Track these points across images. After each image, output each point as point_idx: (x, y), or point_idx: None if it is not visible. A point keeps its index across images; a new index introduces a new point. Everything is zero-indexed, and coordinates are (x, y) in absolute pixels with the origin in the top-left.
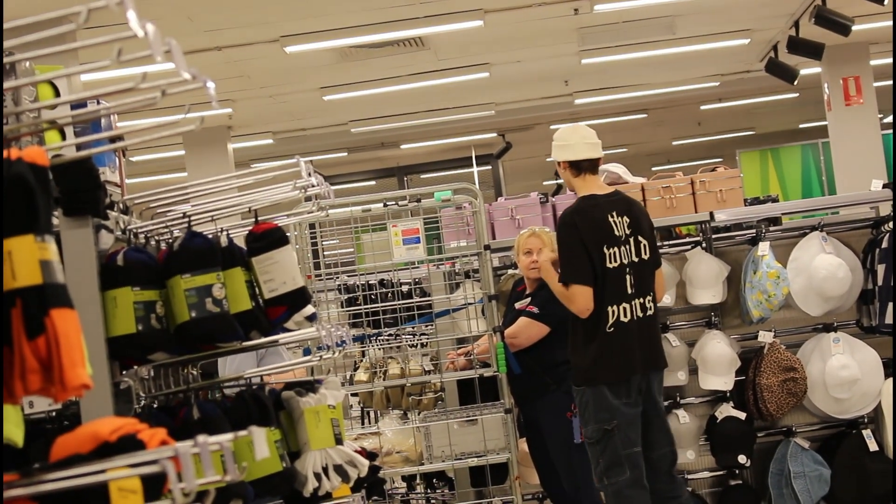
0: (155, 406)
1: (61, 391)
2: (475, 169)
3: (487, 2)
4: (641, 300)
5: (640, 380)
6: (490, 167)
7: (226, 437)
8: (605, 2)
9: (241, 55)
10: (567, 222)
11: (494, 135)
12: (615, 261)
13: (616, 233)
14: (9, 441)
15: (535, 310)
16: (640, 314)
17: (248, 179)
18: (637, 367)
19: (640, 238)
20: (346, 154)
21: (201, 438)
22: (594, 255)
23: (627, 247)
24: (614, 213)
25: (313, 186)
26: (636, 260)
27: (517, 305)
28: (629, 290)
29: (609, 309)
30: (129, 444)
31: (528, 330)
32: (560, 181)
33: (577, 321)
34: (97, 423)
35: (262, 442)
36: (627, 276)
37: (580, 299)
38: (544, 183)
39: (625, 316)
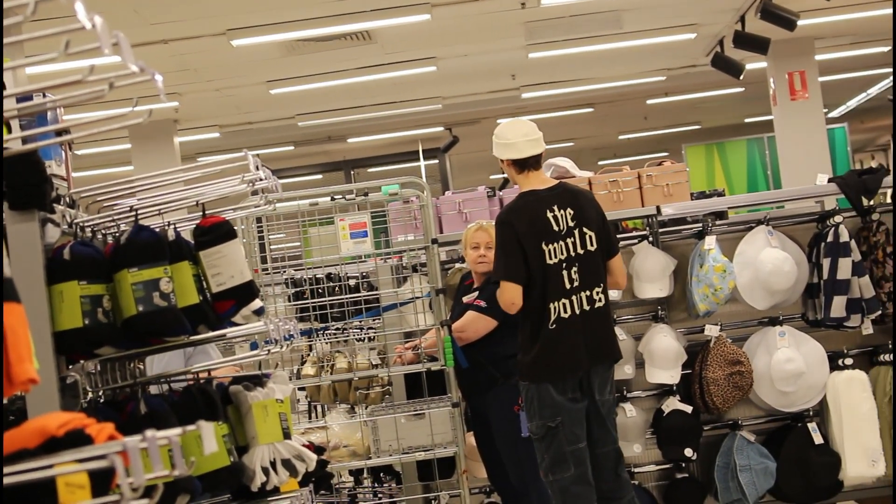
0: (101, 401)
1: (8, 386)
2: (422, 163)
3: None
4: (588, 293)
5: (583, 375)
6: (437, 161)
7: (174, 432)
8: None
9: (187, 48)
10: (503, 220)
11: (441, 129)
12: (554, 257)
13: (555, 227)
14: None
15: (483, 304)
16: (587, 307)
17: (195, 173)
18: (581, 363)
19: (584, 229)
20: (292, 148)
21: (149, 433)
22: (532, 253)
23: (571, 240)
24: (555, 207)
25: (261, 180)
26: (581, 252)
27: (465, 299)
28: (568, 286)
29: (551, 305)
30: (77, 438)
31: (475, 324)
32: (506, 175)
33: (525, 319)
34: (44, 417)
35: (210, 436)
36: (565, 272)
37: (506, 294)
38: (491, 177)
39: (565, 312)
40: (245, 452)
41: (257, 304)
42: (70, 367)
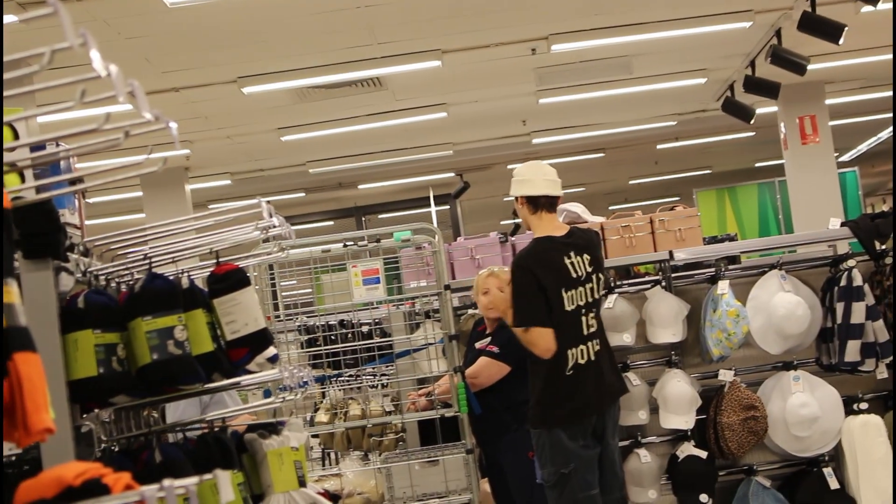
0: (115, 450)
1: (24, 436)
2: (433, 209)
3: (445, 42)
4: (603, 337)
5: (596, 421)
6: (448, 207)
7: (191, 481)
8: (562, 42)
9: (198, 96)
10: (522, 266)
11: (452, 175)
12: (573, 303)
13: (574, 275)
14: None
15: (496, 349)
16: (598, 349)
17: (208, 221)
18: (594, 409)
19: (600, 275)
20: (303, 194)
21: (167, 482)
22: (552, 299)
23: (589, 286)
24: (572, 254)
25: (275, 227)
26: (595, 298)
27: (477, 345)
28: (585, 332)
29: (568, 352)
30: (94, 488)
31: (488, 369)
32: (518, 220)
33: (537, 364)
34: (61, 467)
35: (227, 485)
36: (584, 318)
37: (542, 341)
38: (502, 223)
39: (582, 358)
40: (260, 501)
41: (271, 351)
42: (84, 415)
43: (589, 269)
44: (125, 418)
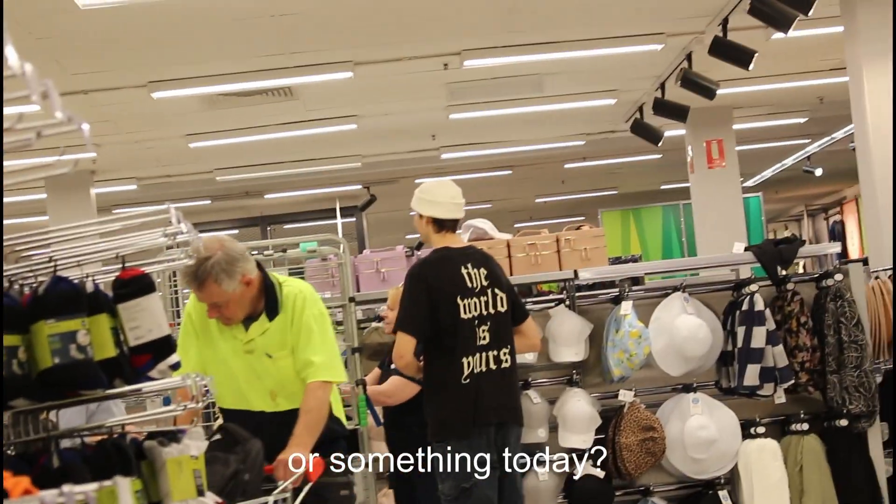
0: (11, 454)
1: None
2: (339, 221)
3: (357, 54)
4: (496, 352)
5: (496, 435)
6: (354, 219)
7: (91, 487)
8: (474, 58)
9: (107, 100)
10: (414, 273)
11: (359, 187)
12: (468, 312)
13: (470, 284)
14: None
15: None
16: (494, 366)
17: (115, 224)
18: (491, 418)
19: (496, 291)
20: (209, 202)
21: (66, 488)
22: (446, 307)
23: (484, 298)
24: (469, 265)
25: (182, 233)
26: (493, 312)
27: (393, 365)
28: (481, 342)
29: (464, 360)
30: None
31: (402, 390)
32: (419, 233)
33: (432, 372)
34: None
35: (126, 493)
36: (480, 329)
37: (401, 347)
38: (407, 236)
39: (479, 366)
40: None
41: (174, 358)
42: None
43: (485, 283)
44: (23, 422)
